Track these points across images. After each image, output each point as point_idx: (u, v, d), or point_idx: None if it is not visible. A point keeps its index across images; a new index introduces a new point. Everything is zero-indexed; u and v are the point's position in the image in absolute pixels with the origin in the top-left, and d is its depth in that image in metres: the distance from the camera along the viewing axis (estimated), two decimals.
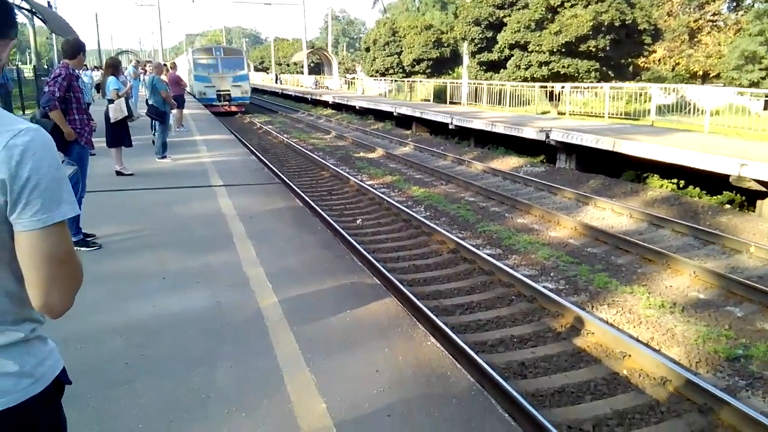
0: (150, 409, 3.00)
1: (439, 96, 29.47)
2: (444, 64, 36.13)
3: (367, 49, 40.73)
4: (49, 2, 27.74)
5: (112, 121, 8.58)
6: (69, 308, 1.30)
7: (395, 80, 36.36)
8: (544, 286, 6.44)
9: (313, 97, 37.19)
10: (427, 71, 35.25)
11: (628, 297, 6.34)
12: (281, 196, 8.14)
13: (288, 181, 11.94)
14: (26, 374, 1.30)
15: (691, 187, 11.24)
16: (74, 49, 5.78)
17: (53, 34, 32.27)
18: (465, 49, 28.37)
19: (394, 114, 23.92)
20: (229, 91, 28.54)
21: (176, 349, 3.64)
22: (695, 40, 32.81)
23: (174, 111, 13.29)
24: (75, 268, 1.30)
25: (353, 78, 45.88)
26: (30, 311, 1.32)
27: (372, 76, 40.07)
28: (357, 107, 28.71)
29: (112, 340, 3.75)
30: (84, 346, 3.66)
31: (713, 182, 10.44)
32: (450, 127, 19.16)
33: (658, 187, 11.67)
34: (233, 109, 28.86)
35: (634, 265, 7.39)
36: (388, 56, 37.60)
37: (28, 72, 27.80)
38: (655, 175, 12.14)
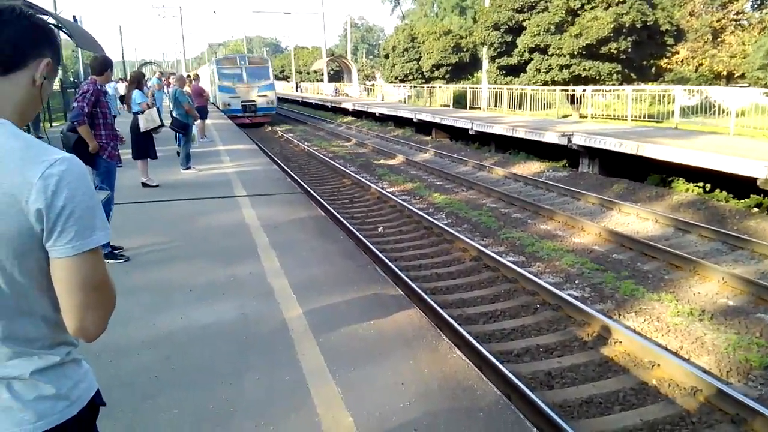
0: (179, 422, 3.03)
1: (459, 101, 29.41)
2: (463, 69, 36.05)
3: (386, 56, 40.84)
4: (74, 17, 28.12)
5: (142, 131, 8.76)
6: (102, 332, 1.33)
7: (414, 86, 36.39)
8: (569, 294, 6.38)
9: (334, 105, 37.40)
10: (447, 76, 35.20)
11: (655, 304, 6.25)
12: (303, 206, 8.20)
13: (310, 190, 12.02)
14: (62, 397, 1.33)
15: (717, 191, 11.05)
16: (102, 66, 5.92)
17: (79, 48, 32.96)
18: (484, 53, 28.30)
19: (414, 120, 23.94)
20: (254, 101, 27.66)
21: (204, 361, 3.69)
22: (718, 40, 32.29)
23: (197, 122, 13.48)
24: (108, 293, 1.33)
25: (373, 85, 46.04)
26: (65, 335, 1.35)
27: (391, 82, 40.15)
28: (377, 114, 28.79)
29: (141, 352, 3.81)
30: (114, 359, 3.72)
31: (740, 185, 10.25)
32: (470, 132, 19.12)
33: (684, 191, 11.49)
34: (259, 120, 28.04)
35: (660, 271, 7.28)
36: (407, 62, 37.64)
37: (55, 85, 28.45)
38: (681, 179, 11.96)
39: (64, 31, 19.67)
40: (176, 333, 4.10)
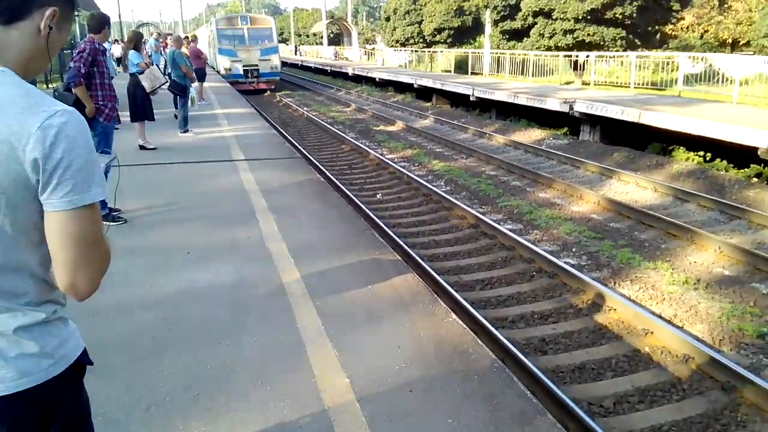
0: (177, 381, 3.08)
1: (461, 66, 29.06)
2: (465, 33, 35.53)
3: (387, 19, 40.19)
4: None
5: (148, 90, 8.65)
6: (94, 291, 1.31)
7: (416, 50, 35.90)
8: (565, 262, 6.41)
9: (333, 69, 36.93)
10: (448, 41, 34.73)
11: (651, 273, 6.29)
12: (302, 171, 8.17)
13: (308, 155, 11.96)
14: (47, 355, 1.32)
15: (718, 160, 11.00)
16: (99, 23, 5.80)
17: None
18: (487, 17, 27.84)
19: (415, 86, 23.68)
20: (257, 65, 25.90)
21: (202, 322, 3.72)
22: (725, 6, 31.75)
23: (195, 84, 13.32)
24: (103, 251, 1.31)
25: (373, 49, 45.41)
26: (53, 293, 1.34)
27: (392, 46, 39.60)
28: (377, 79, 28.47)
29: (140, 313, 3.85)
30: (113, 319, 3.76)
31: (741, 155, 10.21)
32: (471, 99, 18.93)
33: (684, 160, 11.45)
34: (262, 86, 26.36)
35: (657, 240, 7.30)
36: (408, 26, 37.08)
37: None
38: (681, 148, 11.90)
39: None
40: (174, 294, 4.13)
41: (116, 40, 28.26)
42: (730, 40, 31.44)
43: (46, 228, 1.23)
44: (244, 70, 25.59)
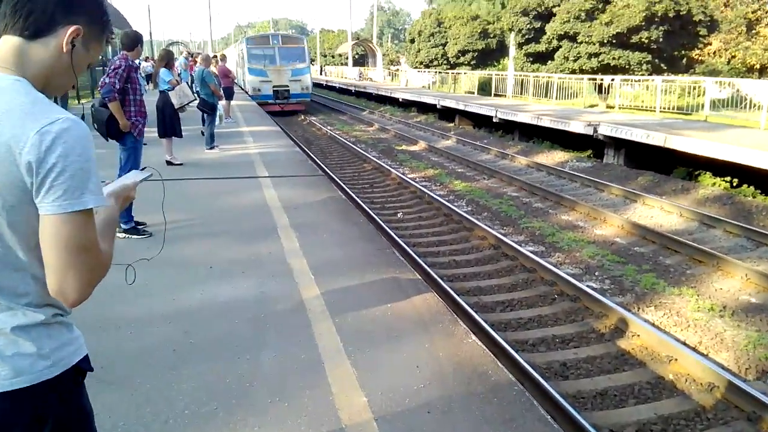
0: (196, 394, 3.10)
1: (484, 88, 29.13)
2: (489, 55, 35.68)
3: (412, 41, 40.56)
4: None
5: (177, 107, 8.83)
6: (84, 299, 1.31)
7: (439, 72, 36.11)
8: (588, 286, 6.33)
9: (357, 89, 37.29)
10: (472, 63, 34.89)
11: (676, 299, 6.18)
12: (324, 188, 8.23)
13: (331, 173, 12.05)
14: (43, 356, 1.33)
15: (745, 186, 10.83)
16: (133, 41, 5.97)
17: None
18: (512, 40, 27.94)
19: (438, 106, 23.79)
20: (287, 86, 24.61)
21: (222, 336, 3.75)
22: (753, 32, 31.40)
23: (222, 102, 13.56)
24: (95, 259, 1.31)
25: (397, 69, 45.78)
26: (54, 297, 1.35)
27: (416, 67, 39.90)
28: (400, 99, 28.66)
29: (162, 325, 3.89)
30: (135, 331, 3.80)
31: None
32: (494, 120, 18.94)
33: (710, 185, 11.28)
34: (292, 108, 25.05)
35: (683, 265, 7.18)
36: (432, 47, 37.36)
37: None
38: (708, 173, 11.73)
39: None
40: (195, 308, 4.17)
41: (147, 58, 28.90)
42: (758, 66, 31.04)
43: (40, 231, 1.25)
44: (273, 90, 24.46)
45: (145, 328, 3.86)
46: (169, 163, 9.43)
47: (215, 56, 17.41)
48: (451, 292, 5.90)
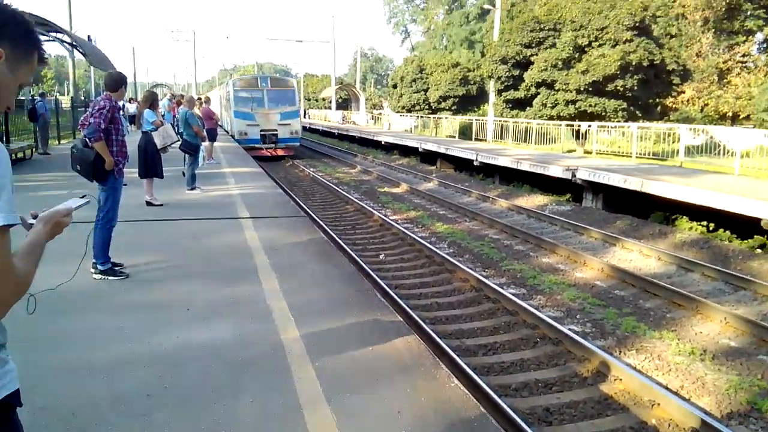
0: None
1: (465, 132, 29.63)
2: (470, 101, 36.41)
3: (395, 86, 41.30)
4: (89, 36, 28.47)
5: (159, 147, 8.81)
6: None
7: (421, 116, 36.71)
8: (569, 329, 6.32)
9: (340, 132, 37.69)
10: (453, 108, 35.55)
11: (656, 342, 6.18)
12: (306, 230, 8.20)
13: (312, 215, 12.03)
14: None
15: (721, 230, 11.02)
16: (117, 82, 5.96)
17: (91, 67, 33.36)
18: (491, 86, 28.61)
19: (420, 150, 24.08)
20: (276, 130, 23.68)
21: (198, 381, 3.65)
22: (724, 81, 32.58)
23: (205, 143, 13.58)
24: (5, 280, 1.27)
25: (380, 113, 46.48)
26: None
27: (398, 112, 40.53)
28: (383, 142, 29.00)
29: (136, 370, 3.77)
30: (108, 376, 3.69)
31: (744, 226, 10.23)
32: (475, 163, 19.20)
33: (687, 229, 11.47)
34: (280, 152, 24.15)
35: (662, 309, 7.22)
36: (414, 93, 38.05)
37: (65, 103, 28.77)
38: (684, 217, 11.94)
39: (78, 50, 20.00)
40: (171, 352, 4.06)
41: (131, 99, 28.98)
42: (730, 114, 32.08)
43: None
44: (261, 134, 23.47)
45: (119, 372, 3.74)
46: (149, 203, 9.35)
47: (199, 98, 17.53)
48: (433, 335, 5.85)
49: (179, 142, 9.16)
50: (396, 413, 3.31)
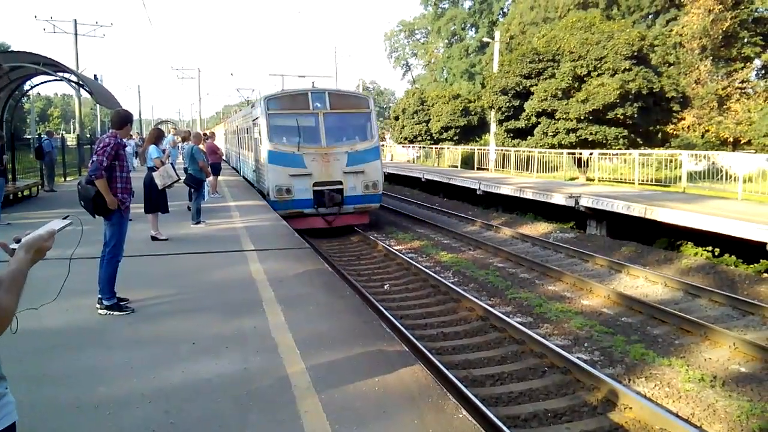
0: None
1: (467, 162, 29.79)
2: (471, 131, 36.70)
3: (396, 118, 41.72)
4: (95, 75, 29.00)
5: (160, 187, 8.89)
6: None
7: (423, 147, 36.98)
8: (578, 357, 6.27)
9: None
10: (455, 138, 35.82)
11: (666, 369, 6.11)
12: (310, 261, 8.20)
13: (316, 247, 12.05)
14: None
15: (726, 256, 10.98)
16: (123, 120, 6.05)
17: (97, 105, 33.87)
18: (492, 117, 28.87)
19: (422, 180, 24.20)
20: (340, 182, 14.21)
21: (203, 416, 3.62)
22: (724, 107, 32.81)
23: (209, 178, 13.69)
24: None
25: (382, 145, 46.83)
26: None
27: (401, 143, 40.86)
28: (386, 173, 29.16)
29: (141, 405, 3.75)
30: (113, 411, 3.66)
31: (750, 250, 10.19)
32: (478, 192, 19.27)
33: (693, 255, 11.42)
34: (349, 220, 14.77)
35: (671, 336, 7.16)
36: (416, 124, 38.41)
37: (71, 141, 29.14)
38: (689, 243, 11.92)
39: (85, 89, 20.36)
40: (177, 386, 4.04)
41: (138, 134, 29.25)
42: (731, 139, 32.22)
43: None
44: (315, 191, 14.06)
45: (124, 408, 3.72)
46: (154, 238, 9.39)
47: (205, 134, 17.74)
48: (440, 366, 5.80)
49: (180, 181, 9.24)
50: None
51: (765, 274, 9.86)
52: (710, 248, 11.31)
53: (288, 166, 13.88)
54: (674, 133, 31.56)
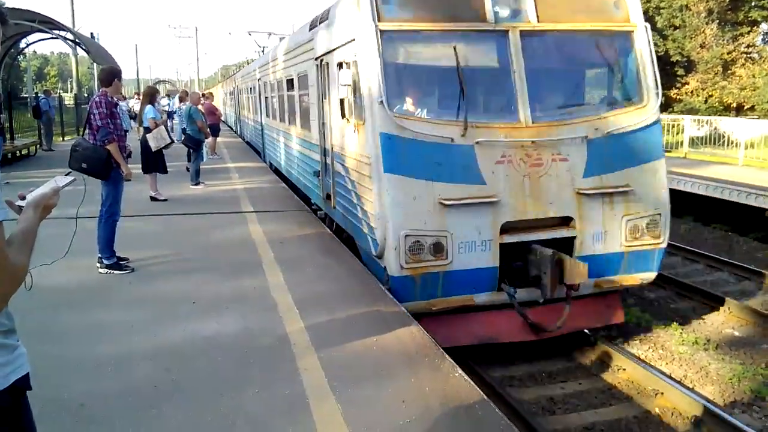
0: None
1: None
2: None
3: None
4: (92, 33, 28.35)
5: (153, 150, 8.80)
6: None
7: None
8: None
9: None
10: None
11: (660, 333, 6.20)
12: (310, 223, 8.21)
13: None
14: None
15: (725, 221, 11.00)
16: (109, 75, 5.88)
17: (94, 64, 33.44)
18: None
19: None
20: (568, 222, 5.33)
21: (205, 373, 3.68)
22: (729, 72, 32.39)
23: (208, 139, 13.61)
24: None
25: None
26: None
27: None
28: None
29: (143, 363, 3.81)
30: (115, 369, 3.72)
31: (748, 216, 10.21)
32: None
33: (692, 220, 11.44)
34: (583, 317, 5.54)
35: (666, 300, 7.23)
36: None
37: (69, 100, 28.83)
38: (687, 209, 11.92)
39: (81, 47, 20.05)
40: (178, 345, 4.10)
41: (136, 93, 28.83)
42: (734, 105, 31.91)
43: None
44: (509, 245, 5.27)
45: (126, 365, 3.78)
46: (153, 198, 9.39)
47: (203, 94, 17.57)
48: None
49: (173, 143, 9.14)
50: (400, 402, 3.34)
51: (761, 242, 9.90)
52: (708, 213, 11.31)
53: (436, 180, 5.22)
54: (677, 97, 31.23)
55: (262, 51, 22.00)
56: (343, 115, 5.86)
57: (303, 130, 8.77)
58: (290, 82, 9.61)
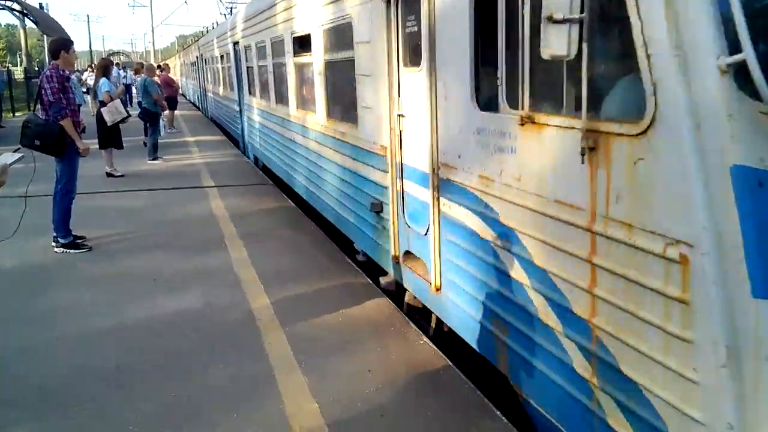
0: (142, 412, 2.98)
1: None
2: None
3: None
4: (40, 3, 27.06)
5: (109, 124, 8.50)
6: None
7: None
8: None
9: None
10: None
11: None
12: (273, 197, 8.11)
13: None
14: None
15: None
16: (56, 46, 5.60)
17: (45, 36, 32.08)
18: None
19: None
20: None
21: (168, 351, 3.63)
22: None
23: (165, 112, 13.24)
24: None
25: None
26: None
27: None
28: None
29: (104, 342, 3.74)
30: (77, 348, 3.65)
31: None
32: None
33: None
34: None
35: None
36: None
37: (18, 74, 27.66)
38: None
39: (29, 18, 19.15)
40: (140, 323, 4.03)
41: (90, 66, 27.80)
42: None
43: None
44: None
45: (87, 345, 3.70)
46: (109, 175, 9.14)
47: (159, 66, 17.04)
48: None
49: (129, 117, 8.84)
50: (366, 372, 3.36)
51: None
52: None
53: None
54: None
55: (230, 12, 18.21)
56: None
57: (343, 124, 5.17)
58: (303, 41, 6.11)
